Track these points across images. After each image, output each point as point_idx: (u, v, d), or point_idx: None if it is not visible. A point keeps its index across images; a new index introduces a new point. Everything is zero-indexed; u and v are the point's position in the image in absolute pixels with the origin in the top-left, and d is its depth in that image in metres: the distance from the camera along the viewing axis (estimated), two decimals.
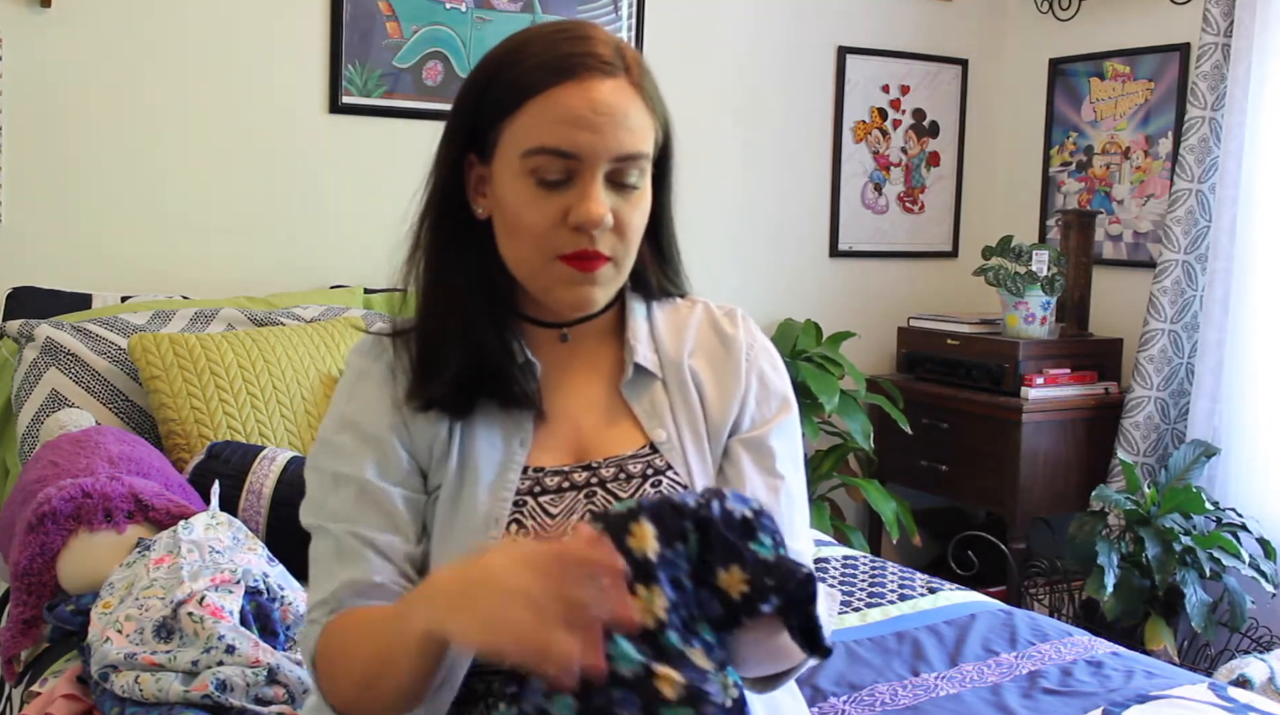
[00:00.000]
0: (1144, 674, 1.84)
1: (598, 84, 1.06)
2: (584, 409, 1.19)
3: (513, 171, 1.09)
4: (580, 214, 1.06)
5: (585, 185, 1.06)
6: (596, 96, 1.06)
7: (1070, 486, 3.41)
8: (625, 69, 1.09)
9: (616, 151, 1.07)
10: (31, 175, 2.68)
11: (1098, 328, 3.64)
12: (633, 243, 1.12)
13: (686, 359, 1.21)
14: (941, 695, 1.75)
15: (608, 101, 1.06)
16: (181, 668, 1.50)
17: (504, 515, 1.12)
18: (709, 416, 1.20)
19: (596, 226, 1.07)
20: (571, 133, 1.05)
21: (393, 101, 3.03)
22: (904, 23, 3.85)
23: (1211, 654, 3.07)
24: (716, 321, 1.25)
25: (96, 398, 2.41)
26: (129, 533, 1.83)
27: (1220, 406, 3.23)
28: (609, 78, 1.07)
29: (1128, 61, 3.67)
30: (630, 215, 1.10)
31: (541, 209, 1.07)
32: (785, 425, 1.22)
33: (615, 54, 1.09)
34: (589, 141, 1.06)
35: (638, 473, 1.16)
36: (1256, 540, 3.00)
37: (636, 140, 1.08)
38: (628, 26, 3.31)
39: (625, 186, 1.09)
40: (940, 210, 4.00)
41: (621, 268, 1.13)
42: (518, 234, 1.10)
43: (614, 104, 1.07)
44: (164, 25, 2.78)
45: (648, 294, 1.24)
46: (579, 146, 1.06)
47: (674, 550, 0.96)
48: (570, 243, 1.08)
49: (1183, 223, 3.30)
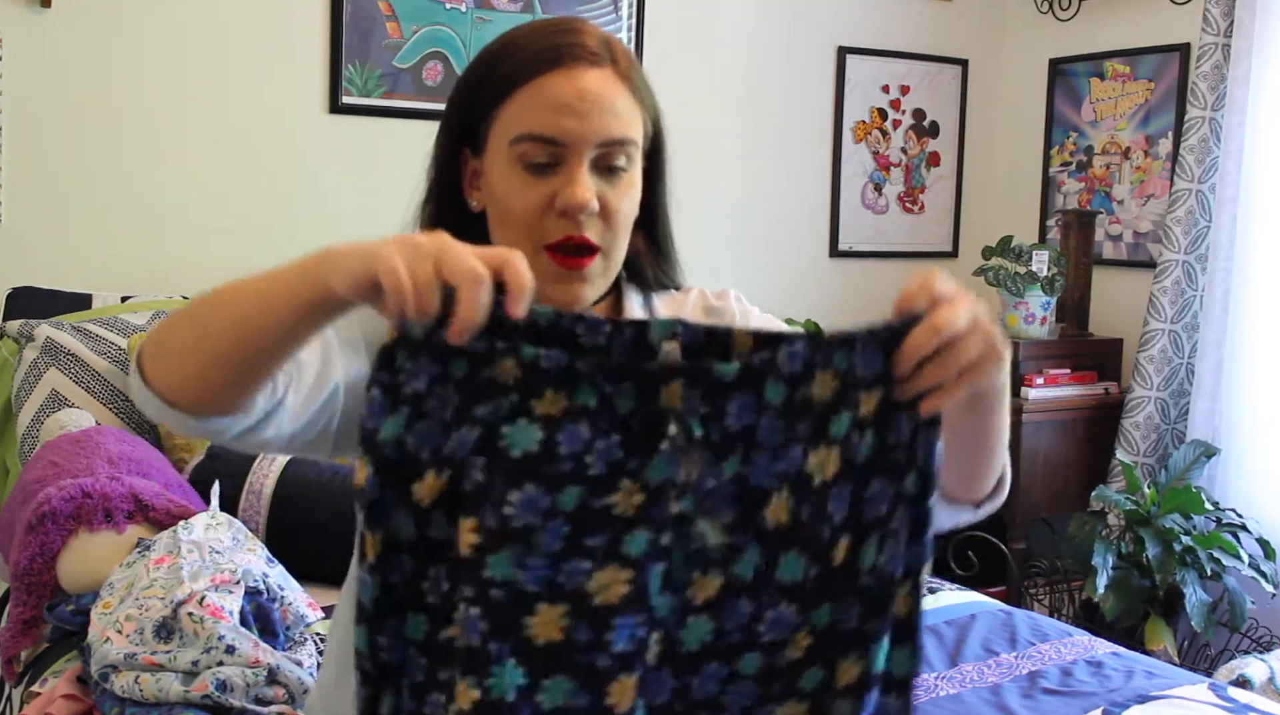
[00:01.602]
0: (1144, 674, 1.84)
1: (584, 72, 1.08)
2: None
3: (502, 160, 1.10)
4: (565, 198, 1.07)
5: (571, 170, 1.08)
6: (582, 84, 1.08)
7: (1070, 486, 3.41)
8: (613, 60, 1.11)
9: (602, 136, 1.08)
10: (31, 175, 2.68)
11: (1098, 328, 3.64)
12: (620, 230, 1.12)
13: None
14: (941, 695, 1.75)
15: (593, 88, 1.08)
16: (181, 668, 1.50)
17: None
18: None
19: (582, 210, 1.07)
20: (557, 119, 1.07)
21: (393, 101, 3.03)
22: (904, 23, 3.85)
23: (1211, 654, 3.07)
24: (708, 301, 1.27)
25: (96, 398, 2.41)
26: (129, 533, 1.83)
27: (1220, 406, 3.23)
28: (595, 67, 1.09)
29: (1128, 61, 3.67)
30: (618, 201, 1.11)
31: (529, 195, 1.08)
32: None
33: (603, 45, 1.11)
34: (574, 127, 1.07)
35: None
36: (1256, 540, 3.00)
37: (623, 126, 1.09)
38: (628, 26, 3.31)
39: (613, 169, 1.10)
40: (940, 210, 4.00)
41: (610, 259, 1.13)
42: (507, 222, 1.11)
43: (600, 91, 1.08)
44: (164, 25, 2.78)
45: (644, 285, 1.25)
46: (564, 132, 1.07)
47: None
48: (557, 229, 1.09)
49: (1183, 223, 3.30)
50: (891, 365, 0.82)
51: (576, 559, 0.79)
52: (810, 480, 0.83)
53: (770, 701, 0.86)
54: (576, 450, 0.79)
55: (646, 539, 0.80)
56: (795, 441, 0.83)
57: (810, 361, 0.82)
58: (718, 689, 0.85)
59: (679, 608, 0.82)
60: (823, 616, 0.85)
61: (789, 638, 0.85)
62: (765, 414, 0.82)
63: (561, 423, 0.79)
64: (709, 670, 0.84)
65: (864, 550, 0.84)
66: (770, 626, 0.84)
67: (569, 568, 0.79)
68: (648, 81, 1.14)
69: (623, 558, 0.80)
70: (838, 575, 0.84)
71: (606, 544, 0.80)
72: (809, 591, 0.84)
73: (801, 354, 0.82)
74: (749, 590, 0.83)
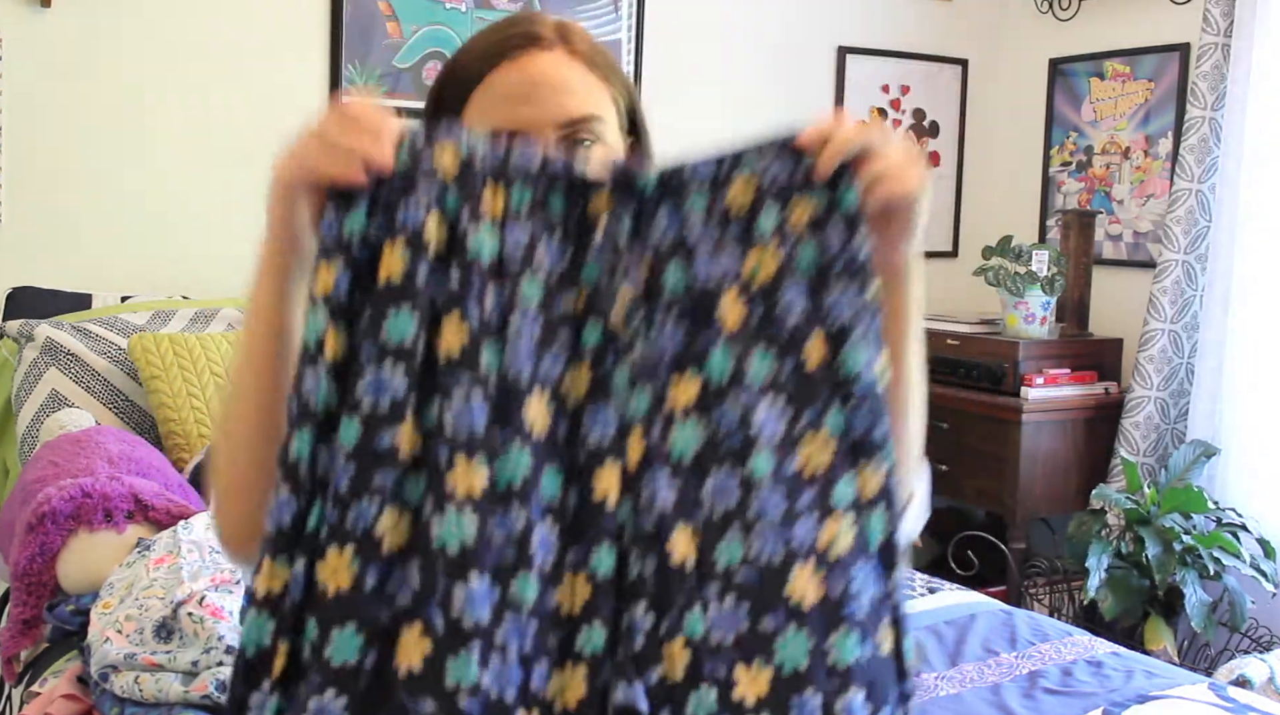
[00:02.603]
0: (1144, 674, 1.84)
1: (531, 58, 1.07)
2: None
3: None
4: None
5: None
6: (532, 69, 1.07)
7: (1070, 486, 3.41)
8: (565, 41, 1.09)
9: (559, 117, 1.06)
10: (31, 175, 2.68)
11: (1098, 328, 3.64)
12: None
13: None
14: (941, 695, 1.75)
15: (544, 71, 1.07)
16: (181, 668, 1.50)
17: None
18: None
19: None
20: (512, 110, 1.06)
21: (393, 101, 3.03)
22: (904, 23, 3.85)
23: (1211, 654, 3.07)
24: None
25: (96, 398, 2.41)
26: (129, 533, 1.83)
27: (1220, 406, 3.23)
28: (545, 50, 1.08)
29: (1128, 61, 3.67)
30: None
31: None
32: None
33: (554, 31, 1.10)
34: (530, 114, 1.06)
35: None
36: (1256, 540, 3.00)
37: (581, 104, 1.07)
38: (627, 26, 3.31)
39: (581, 145, 1.08)
40: (940, 210, 4.00)
41: None
42: None
43: (550, 73, 1.07)
44: (164, 25, 2.78)
45: None
46: (522, 121, 1.06)
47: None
48: None
49: (1183, 223, 3.30)
50: (810, 170, 0.88)
51: (547, 352, 0.85)
52: (751, 281, 0.87)
53: (799, 519, 0.84)
54: (524, 248, 0.86)
55: (600, 331, 0.86)
56: (728, 244, 0.88)
57: (722, 167, 0.89)
58: (738, 502, 0.84)
59: (663, 415, 0.85)
60: (835, 420, 0.86)
61: (799, 435, 0.85)
62: (691, 221, 0.88)
63: (506, 223, 0.86)
64: (720, 479, 0.84)
65: (844, 355, 0.86)
66: (765, 425, 0.85)
67: (548, 359, 0.85)
68: (613, 61, 1.13)
69: (581, 353, 0.86)
70: (818, 378, 0.86)
71: (569, 341, 0.86)
72: (793, 390, 0.86)
73: (712, 160, 0.89)
74: (729, 393, 0.86)
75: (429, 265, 0.84)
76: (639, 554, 0.83)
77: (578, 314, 0.86)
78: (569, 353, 0.86)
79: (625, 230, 0.87)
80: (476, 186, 0.85)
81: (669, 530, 0.83)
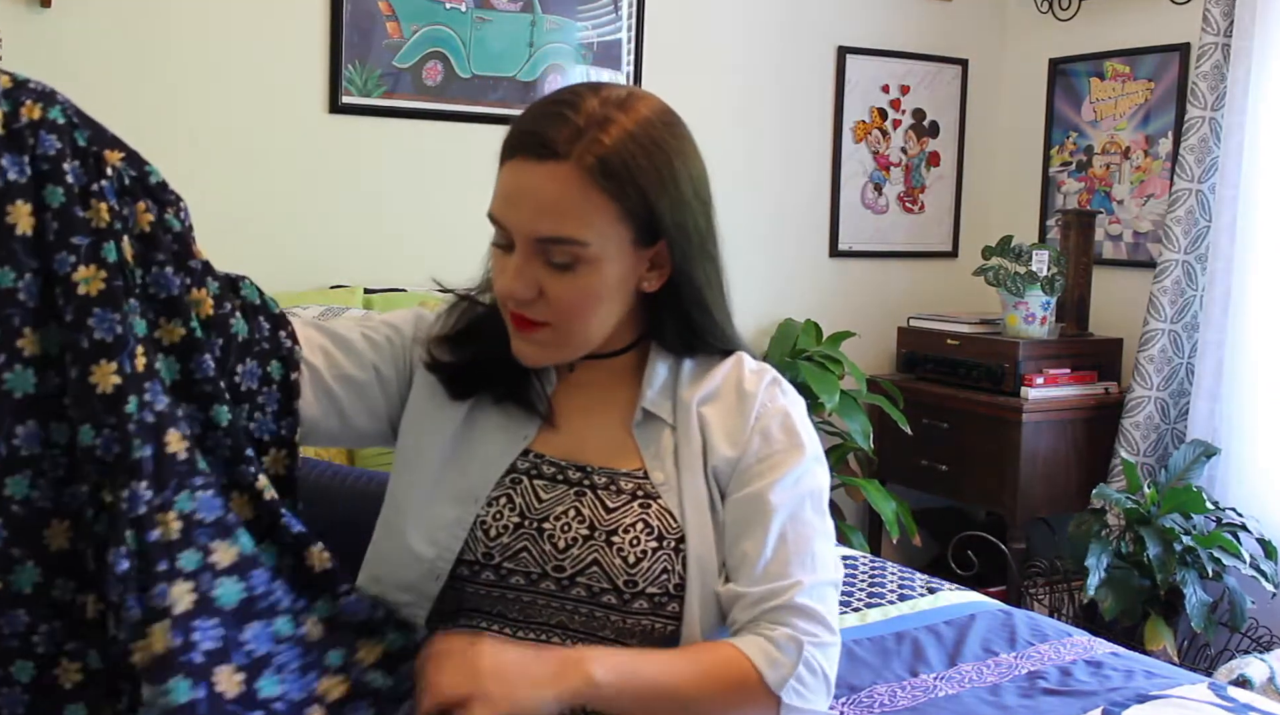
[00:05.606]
0: (1144, 674, 1.84)
1: (528, 167, 1.09)
2: (593, 429, 1.23)
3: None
4: (496, 284, 1.15)
5: (515, 256, 1.12)
6: (522, 179, 1.10)
7: (1070, 486, 3.41)
8: (578, 148, 1.08)
9: (532, 232, 1.10)
10: None
11: (1098, 328, 3.64)
12: (572, 314, 1.13)
13: (696, 405, 1.22)
14: (941, 696, 1.75)
15: (527, 184, 1.09)
16: None
17: (484, 492, 1.18)
18: (708, 459, 1.20)
19: (507, 298, 1.13)
20: (502, 207, 1.12)
21: (393, 101, 3.03)
22: (904, 23, 3.85)
23: (1211, 654, 3.07)
24: (742, 379, 1.24)
25: None
26: None
27: (1220, 406, 3.23)
28: (545, 161, 1.08)
29: (1128, 61, 3.67)
30: (560, 291, 1.12)
31: (497, 267, 1.16)
32: (790, 476, 1.19)
33: (573, 135, 1.08)
34: (513, 218, 1.11)
35: (628, 490, 1.18)
36: (1256, 540, 3.00)
37: (557, 225, 1.09)
38: (627, 27, 3.30)
39: (553, 266, 1.11)
40: (940, 210, 4.00)
41: (565, 332, 1.15)
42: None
43: (533, 188, 1.09)
44: (164, 25, 2.78)
45: (673, 350, 1.24)
46: (506, 221, 1.12)
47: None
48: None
49: (1183, 223, 3.30)
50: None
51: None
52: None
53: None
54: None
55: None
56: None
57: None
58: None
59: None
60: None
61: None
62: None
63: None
64: None
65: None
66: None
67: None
68: (637, 168, 1.10)
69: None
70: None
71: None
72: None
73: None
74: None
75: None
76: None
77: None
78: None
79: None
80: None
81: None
